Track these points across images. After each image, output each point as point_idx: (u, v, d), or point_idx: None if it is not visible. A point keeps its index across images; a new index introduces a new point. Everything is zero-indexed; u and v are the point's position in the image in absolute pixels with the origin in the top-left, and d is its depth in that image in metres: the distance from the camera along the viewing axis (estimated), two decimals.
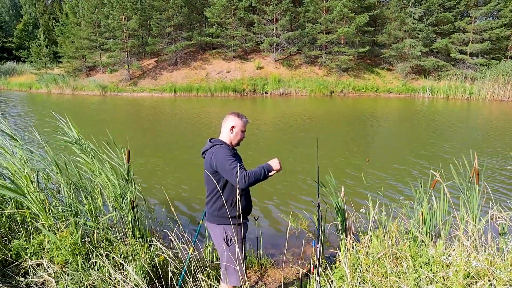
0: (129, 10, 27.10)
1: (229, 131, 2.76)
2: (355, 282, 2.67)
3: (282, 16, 27.04)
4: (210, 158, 2.60)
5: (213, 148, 2.65)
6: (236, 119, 2.79)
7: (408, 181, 5.37)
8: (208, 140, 2.79)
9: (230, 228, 2.66)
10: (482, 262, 2.41)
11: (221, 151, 2.59)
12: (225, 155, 2.55)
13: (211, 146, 2.68)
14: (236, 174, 2.44)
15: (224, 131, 2.78)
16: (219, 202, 2.65)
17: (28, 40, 42.63)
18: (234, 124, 2.76)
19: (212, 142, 2.73)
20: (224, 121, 2.80)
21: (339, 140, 11.55)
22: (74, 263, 3.15)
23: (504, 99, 21.95)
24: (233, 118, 2.78)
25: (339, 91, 24.89)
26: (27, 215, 3.45)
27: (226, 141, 2.75)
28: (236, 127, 2.77)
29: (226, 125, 2.77)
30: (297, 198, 6.34)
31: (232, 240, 2.65)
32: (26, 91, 30.28)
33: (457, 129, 13.33)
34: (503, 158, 8.82)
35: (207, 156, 2.68)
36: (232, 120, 2.77)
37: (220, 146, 2.64)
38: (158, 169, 8.11)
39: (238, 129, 2.78)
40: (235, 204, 2.66)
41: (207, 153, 2.69)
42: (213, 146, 2.67)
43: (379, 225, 3.35)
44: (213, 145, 2.68)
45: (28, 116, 16.32)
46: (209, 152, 2.66)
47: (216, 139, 2.77)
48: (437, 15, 25.58)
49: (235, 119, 2.78)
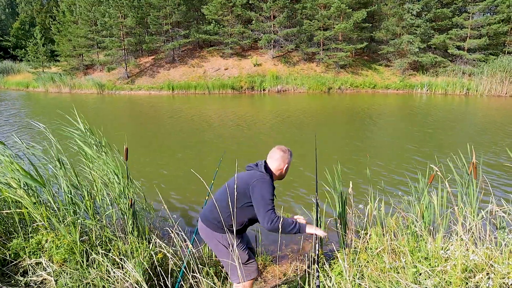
0: (126, 8, 26.98)
1: (283, 169, 2.76)
2: (354, 278, 2.67)
3: (280, 13, 26.97)
4: (253, 184, 2.54)
5: (262, 177, 2.58)
6: (290, 157, 2.80)
7: (406, 176, 5.39)
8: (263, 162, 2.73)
9: (227, 236, 2.66)
10: (480, 256, 2.42)
11: (268, 187, 2.53)
12: (269, 193, 2.52)
13: (260, 172, 2.62)
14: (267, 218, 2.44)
15: (278, 165, 2.73)
16: (228, 218, 2.59)
17: (24, 38, 42.50)
18: (288, 164, 2.78)
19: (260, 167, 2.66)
20: (280, 154, 2.75)
21: (338, 136, 11.55)
22: (73, 261, 3.15)
23: (502, 94, 21.99)
24: (290, 158, 2.78)
25: (337, 87, 24.87)
26: (25, 214, 3.44)
27: (275, 174, 2.75)
28: (288, 167, 2.80)
29: (282, 161, 2.74)
30: (296, 194, 6.35)
31: (232, 243, 2.66)
32: (23, 90, 30.16)
33: (455, 125, 13.35)
34: (501, 153, 8.84)
35: (248, 177, 2.61)
36: (288, 159, 2.77)
37: (269, 181, 2.58)
38: (156, 166, 8.10)
39: (288, 168, 2.81)
40: (241, 226, 2.68)
41: (251, 172, 2.66)
42: (261, 173, 2.61)
43: (378, 221, 3.35)
44: (262, 172, 2.62)
45: (26, 113, 16.27)
46: (254, 177, 2.59)
47: (266, 166, 2.71)
48: (435, 11, 25.56)
49: (290, 159, 2.79)
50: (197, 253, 3.90)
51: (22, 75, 34.47)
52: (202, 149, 9.89)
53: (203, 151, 9.62)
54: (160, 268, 3.22)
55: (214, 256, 3.68)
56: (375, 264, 2.79)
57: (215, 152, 9.35)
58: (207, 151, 9.60)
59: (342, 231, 3.75)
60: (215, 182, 4.17)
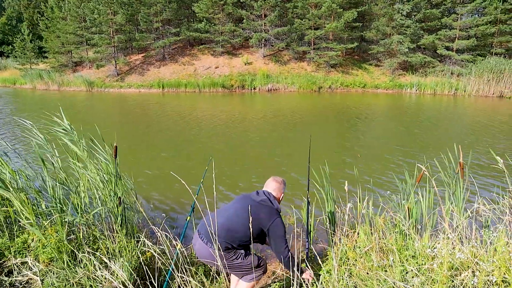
0: (115, 5, 26.70)
1: (279, 198, 2.97)
2: (343, 276, 2.69)
3: (271, 11, 26.97)
4: (271, 223, 2.72)
5: (276, 216, 2.76)
6: (284, 187, 3.06)
7: (394, 175, 5.45)
8: (267, 192, 2.91)
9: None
10: (466, 254, 2.45)
11: (282, 226, 2.75)
12: (284, 231, 2.75)
13: (276, 209, 2.80)
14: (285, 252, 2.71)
15: (275, 195, 2.93)
16: (242, 244, 2.77)
17: (11, 34, 41.78)
18: (283, 193, 3.03)
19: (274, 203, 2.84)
20: (273, 188, 2.96)
21: (327, 136, 11.61)
22: (60, 260, 3.11)
23: (489, 95, 22.31)
24: (283, 188, 3.02)
25: (327, 87, 24.98)
26: (11, 213, 3.38)
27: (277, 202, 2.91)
28: (283, 195, 3.05)
29: (278, 191, 2.97)
30: (286, 192, 6.35)
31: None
32: (10, 86, 29.69)
33: (443, 125, 13.51)
34: (487, 153, 8.97)
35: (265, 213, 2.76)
36: (283, 189, 3.02)
37: (281, 220, 2.79)
38: (145, 165, 8.04)
39: (284, 195, 3.07)
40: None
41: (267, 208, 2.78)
42: (277, 212, 2.79)
43: (367, 220, 3.38)
44: (277, 210, 2.80)
45: (11, 111, 16.01)
46: (270, 214, 2.76)
47: (275, 200, 2.88)
48: (425, 12, 25.83)
49: (284, 188, 3.04)
50: (186, 251, 3.89)
51: (9, 71, 33.93)
52: (190, 148, 9.85)
53: (190, 150, 9.58)
54: (148, 268, 3.20)
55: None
56: (363, 262, 2.81)
57: (202, 151, 9.32)
58: (195, 150, 9.57)
59: (331, 230, 3.77)
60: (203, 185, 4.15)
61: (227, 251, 2.70)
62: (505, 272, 2.25)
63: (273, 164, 8.12)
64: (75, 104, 19.20)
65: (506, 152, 9.13)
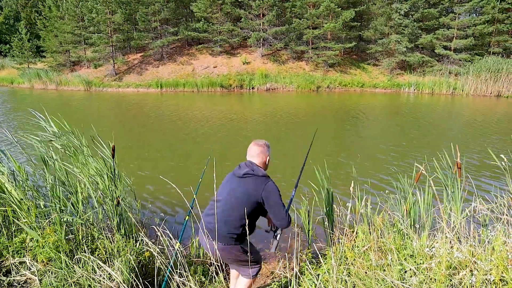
0: (113, 4, 26.64)
1: (266, 162, 2.81)
2: (341, 275, 2.69)
3: (269, 11, 26.96)
4: (262, 190, 2.61)
5: (265, 182, 2.64)
6: (269, 149, 2.85)
7: (393, 175, 5.46)
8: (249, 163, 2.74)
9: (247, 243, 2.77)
10: (464, 253, 2.46)
11: (275, 190, 2.65)
12: (279, 195, 2.65)
13: (263, 176, 2.66)
14: (286, 217, 2.65)
15: (260, 160, 2.78)
16: (245, 227, 2.65)
17: (9, 33, 41.65)
18: (269, 156, 2.83)
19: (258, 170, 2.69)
20: (256, 152, 2.79)
21: (326, 135, 11.61)
22: (58, 260, 3.10)
23: (487, 94, 22.36)
24: (267, 150, 2.82)
25: (326, 86, 25.00)
26: (9, 212, 3.38)
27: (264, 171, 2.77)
28: (270, 159, 2.85)
29: (263, 155, 2.79)
30: (284, 193, 6.35)
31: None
32: (8, 86, 29.59)
33: (441, 124, 13.54)
34: (484, 152, 8.99)
35: (251, 184, 2.64)
36: (267, 152, 2.82)
37: (273, 183, 2.67)
38: (143, 165, 8.04)
39: (269, 160, 2.86)
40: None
41: (252, 179, 2.65)
42: (263, 178, 2.66)
43: (365, 219, 3.38)
44: (265, 176, 2.67)
45: (11, 110, 15.97)
46: (262, 185, 2.63)
47: (258, 167, 2.73)
48: (423, 11, 25.89)
49: (268, 150, 2.84)
50: (185, 251, 3.89)
51: (7, 70, 33.83)
52: (187, 147, 9.85)
53: (188, 150, 9.58)
54: (147, 267, 3.20)
55: (203, 256, 3.67)
56: (361, 262, 2.81)
57: (200, 151, 9.32)
58: (193, 150, 9.56)
59: (330, 229, 3.77)
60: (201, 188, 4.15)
61: (231, 244, 2.66)
62: (503, 271, 2.26)
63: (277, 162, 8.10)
64: (73, 104, 19.15)
65: (502, 151, 9.15)
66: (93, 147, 3.66)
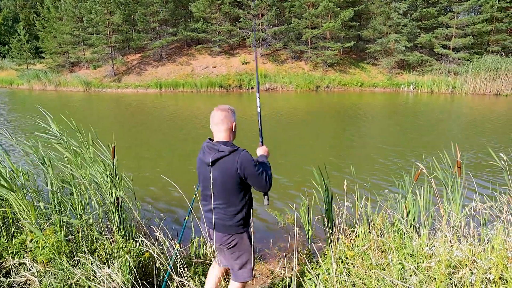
0: (112, 5, 26.62)
1: (232, 128, 2.53)
2: (341, 275, 2.69)
3: (268, 11, 26.96)
4: (237, 166, 2.38)
5: (235, 157, 2.39)
6: (234, 115, 2.56)
7: (392, 174, 5.46)
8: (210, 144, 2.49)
9: (250, 228, 2.64)
10: (463, 252, 2.46)
11: (248, 160, 2.39)
12: (253, 164, 2.41)
13: (231, 152, 2.40)
14: (266, 179, 2.45)
15: (226, 127, 2.50)
16: (241, 209, 2.52)
17: (8, 35, 41.58)
18: (234, 121, 2.55)
19: (223, 147, 2.42)
20: (220, 118, 2.49)
21: (325, 135, 11.62)
22: (58, 261, 3.10)
23: (486, 93, 22.38)
24: (232, 115, 2.54)
25: (325, 86, 24.99)
26: (8, 213, 3.37)
27: (230, 138, 2.54)
28: (236, 125, 2.57)
29: (227, 120, 2.50)
30: (284, 192, 6.37)
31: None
32: (7, 87, 29.57)
33: (441, 123, 13.55)
34: (483, 151, 9.00)
35: (224, 167, 2.41)
36: (232, 117, 2.53)
37: (244, 152, 2.42)
38: (143, 165, 8.03)
39: (236, 126, 2.57)
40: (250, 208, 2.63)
41: (222, 163, 2.41)
42: (233, 153, 2.40)
43: (365, 218, 3.38)
44: (233, 150, 2.41)
45: (9, 112, 15.96)
46: (229, 162, 2.39)
47: (223, 142, 2.47)
48: (421, 10, 25.91)
49: (233, 115, 2.56)
50: (185, 251, 3.89)
51: (6, 72, 33.79)
52: (186, 147, 9.84)
53: (187, 150, 9.57)
54: (147, 268, 3.20)
55: (203, 256, 3.67)
56: (361, 261, 2.81)
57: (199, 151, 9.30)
58: (191, 150, 9.55)
59: (329, 229, 3.77)
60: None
61: (229, 234, 2.54)
62: (503, 270, 2.26)
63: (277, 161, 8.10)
64: (72, 105, 19.13)
65: (502, 150, 9.16)
66: (93, 148, 3.66)
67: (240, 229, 2.54)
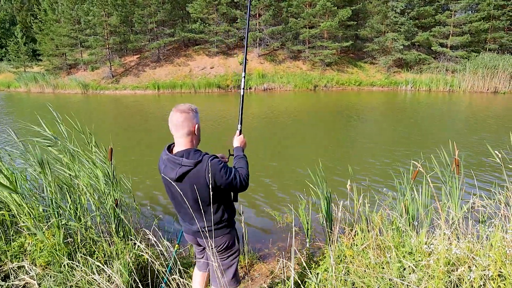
0: (110, 6, 26.60)
1: (194, 131, 2.22)
2: (340, 274, 2.69)
3: (265, 11, 26.98)
4: (206, 179, 2.11)
5: (202, 166, 2.11)
6: (196, 115, 2.24)
7: (391, 172, 5.47)
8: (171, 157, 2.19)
9: (235, 231, 2.50)
10: (462, 250, 2.46)
11: (215, 166, 2.12)
12: (221, 169, 2.14)
13: (196, 164, 2.12)
14: (242, 181, 2.22)
15: (187, 130, 2.18)
16: (222, 213, 2.33)
17: (5, 37, 41.53)
18: (197, 122, 2.24)
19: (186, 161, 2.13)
20: (179, 121, 2.17)
21: (323, 134, 11.63)
22: (57, 264, 3.09)
23: (484, 90, 22.43)
24: (193, 116, 2.21)
25: (323, 85, 25.01)
26: (7, 216, 3.37)
27: (195, 147, 2.26)
28: (199, 127, 2.26)
29: (189, 122, 2.18)
30: (283, 192, 6.36)
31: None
32: (4, 90, 29.51)
33: (439, 121, 13.57)
34: (481, 148, 9.02)
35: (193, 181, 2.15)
36: (194, 118, 2.21)
37: (210, 161, 2.12)
38: (141, 167, 8.02)
39: (199, 128, 2.27)
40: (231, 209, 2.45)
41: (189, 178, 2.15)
42: (199, 164, 2.12)
43: (363, 217, 3.38)
44: (198, 162, 2.12)
45: (7, 114, 15.93)
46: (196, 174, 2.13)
47: (185, 152, 2.17)
48: (418, 9, 25.95)
49: (196, 116, 2.24)
50: (184, 252, 3.88)
51: (3, 74, 33.74)
52: None
53: None
54: (146, 270, 3.19)
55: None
56: (360, 260, 2.81)
57: None
58: None
59: (328, 228, 3.77)
60: None
61: (216, 238, 2.37)
62: (501, 267, 2.26)
63: (276, 162, 8.12)
64: (71, 107, 19.10)
65: (500, 147, 9.18)
66: (91, 150, 3.65)
67: (225, 230, 2.39)
